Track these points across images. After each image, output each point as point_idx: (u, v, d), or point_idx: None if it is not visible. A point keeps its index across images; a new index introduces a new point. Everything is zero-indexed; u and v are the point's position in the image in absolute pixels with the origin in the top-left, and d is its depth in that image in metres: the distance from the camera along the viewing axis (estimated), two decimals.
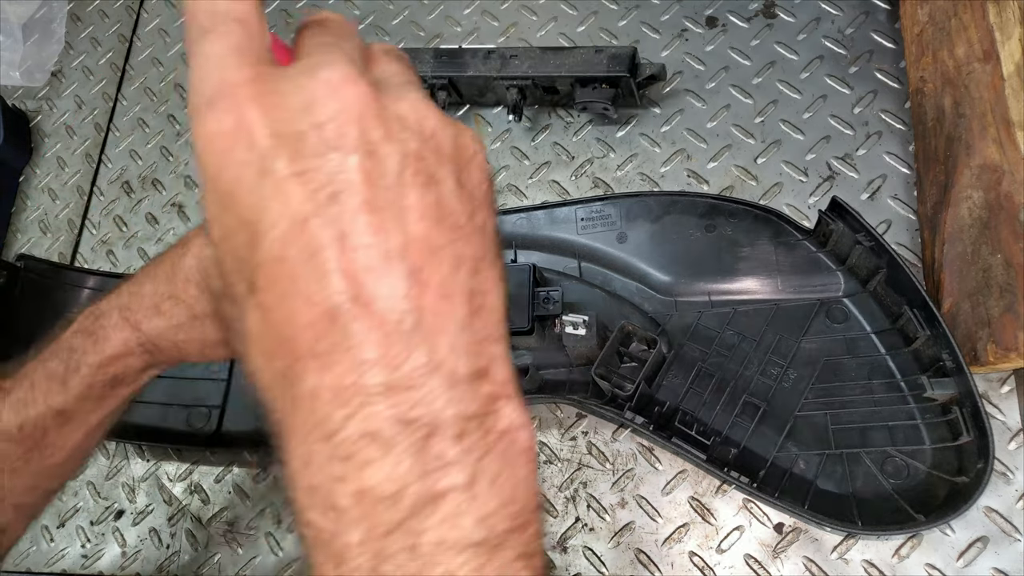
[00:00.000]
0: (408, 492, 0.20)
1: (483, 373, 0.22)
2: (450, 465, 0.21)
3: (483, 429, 0.21)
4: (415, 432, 0.20)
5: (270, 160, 0.21)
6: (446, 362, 0.21)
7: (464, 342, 0.22)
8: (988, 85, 0.52)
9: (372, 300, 0.20)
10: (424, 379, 0.21)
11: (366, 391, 0.20)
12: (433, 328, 0.21)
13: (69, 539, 0.64)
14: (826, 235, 0.54)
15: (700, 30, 0.67)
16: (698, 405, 0.53)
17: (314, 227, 0.20)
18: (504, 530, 0.21)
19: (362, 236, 0.21)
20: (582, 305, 0.56)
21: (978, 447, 0.46)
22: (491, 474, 0.21)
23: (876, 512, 0.48)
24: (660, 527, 0.53)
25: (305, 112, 0.21)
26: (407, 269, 0.21)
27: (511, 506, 0.21)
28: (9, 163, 0.81)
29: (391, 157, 0.21)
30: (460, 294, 0.22)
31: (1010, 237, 0.48)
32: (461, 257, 0.22)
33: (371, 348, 0.20)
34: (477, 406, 0.21)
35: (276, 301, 0.21)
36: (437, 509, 0.20)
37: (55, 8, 0.88)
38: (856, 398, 0.51)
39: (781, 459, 0.51)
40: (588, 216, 0.60)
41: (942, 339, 0.48)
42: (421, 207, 0.21)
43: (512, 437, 0.22)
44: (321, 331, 0.21)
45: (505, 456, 0.22)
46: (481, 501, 0.21)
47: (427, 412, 0.21)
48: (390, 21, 0.77)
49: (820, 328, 0.53)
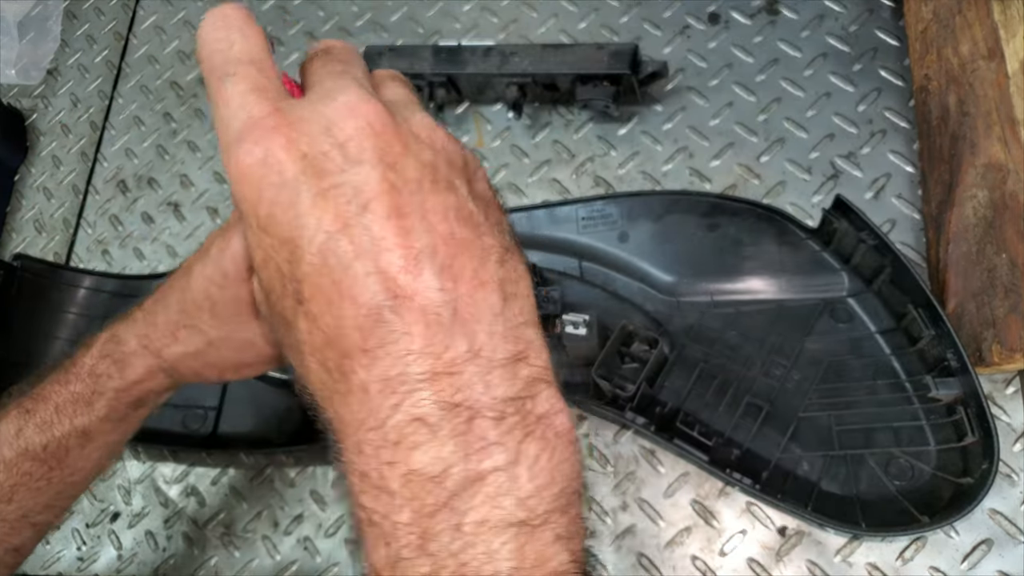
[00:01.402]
0: (452, 472, 0.21)
1: (521, 357, 0.23)
2: (492, 446, 0.22)
3: (523, 412, 0.22)
4: (458, 415, 0.22)
5: (301, 181, 0.23)
6: (484, 348, 0.22)
7: (500, 328, 0.23)
8: (993, 83, 0.51)
9: (411, 296, 0.22)
10: (465, 365, 0.22)
11: (412, 380, 0.22)
12: (470, 317, 0.23)
13: (65, 542, 0.64)
14: (830, 234, 0.53)
15: (702, 27, 0.67)
16: (700, 406, 0.52)
17: (349, 236, 0.22)
18: (545, 511, 0.22)
19: (394, 239, 0.22)
20: (583, 305, 0.55)
21: (983, 448, 0.46)
22: (531, 456, 0.22)
23: (880, 514, 0.47)
24: (662, 530, 0.53)
25: (327, 134, 0.23)
26: (439, 265, 0.22)
27: (551, 488, 0.22)
28: (4, 162, 0.80)
29: (410, 168, 0.23)
30: (491, 283, 0.23)
31: (1015, 237, 0.48)
32: (487, 249, 0.24)
33: (414, 340, 0.22)
34: (517, 389, 0.23)
35: (323, 308, 0.23)
36: (480, 489, 0.21)
37: (51, 6, 0.88)
38: (860, 399, 0.50)
39: (784, 461, 0.50)
40: (589, 215, 0.59)
41: (947, 339, 0.48)
42: (442, 209, 0.23)
43: (551, 420, 0.23)
44: (367, 330, 0.22)
45: (544, 439, 0.23)
46: (522, 482, 0.22)
47: (469, 396, 0.22)
48: (389, 18, 0.76)
49: (824, 328, 0.53)
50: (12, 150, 0.81)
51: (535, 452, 0.22)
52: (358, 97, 0.24)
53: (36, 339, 0.68)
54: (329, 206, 0.22)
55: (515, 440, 0.22)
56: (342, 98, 0.24)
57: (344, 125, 0.23)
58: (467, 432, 0.22)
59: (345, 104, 0.24)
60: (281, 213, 0.23)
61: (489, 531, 0.21)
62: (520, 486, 0.22)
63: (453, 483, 0.21)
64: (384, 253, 0.22)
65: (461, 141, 0.26)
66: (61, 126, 0.83)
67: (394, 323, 0.22)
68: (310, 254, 0.23)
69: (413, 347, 0.22)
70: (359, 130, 0.23)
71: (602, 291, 0.57)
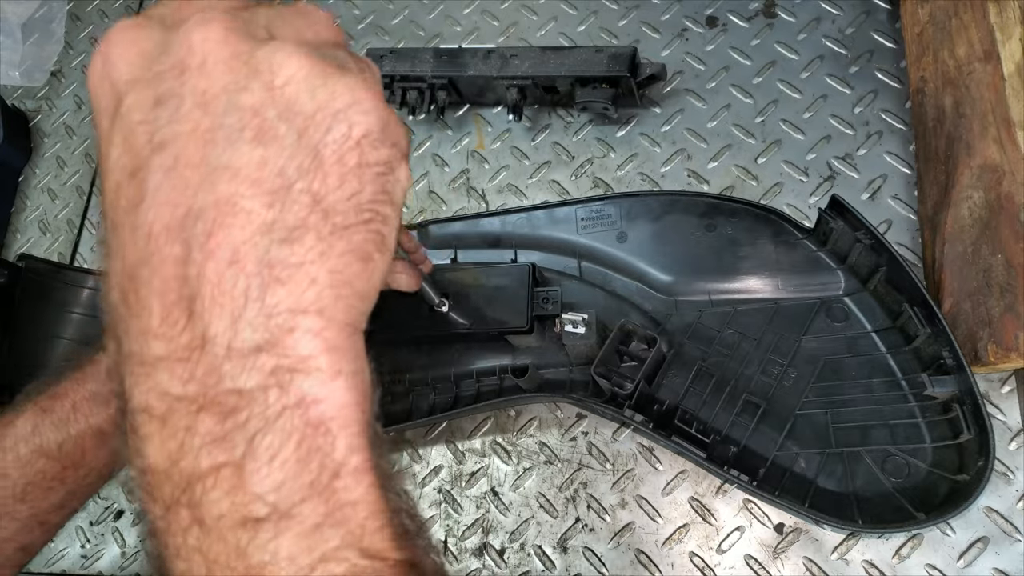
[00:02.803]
0: (178, 468, 0.20)
1: (270, 346, 0.21)
2: (219, 442, 0.20)
3: (261, 404, 0.21)
4: (188, 406, 0.20)
5: (123, 104, 0.21)
6: (223, 335, 0.20)
7: (251, 315, 0.20)
8: (989, 85, 0.52)
9: (161, 264, 0.20)
10: (197, 352, 0.20)
11: (146, 362, 0.20)
12: (214, 297, 0.20)
13: (69, 539, 0.64)
14: (826, 234, 0.54)
15: (700, 30, 0.67)
16: (698, 404, 0.53)
17: (137, 179, 0.21)
18: (294, 503, 0.20)
19: (169, 193, 0.20)
20: (582, 305, 0.56)
21: (979, 445, 0.46)
22: (269, 449, 0.20)
23: (877, 511, 0.48)
24: (660, 527, 0.53)
25: (163, 56, 0.21)
26: (200, 233, 0.20)
27: (300, 478, 0.21)
28: (8, 163, 0.81)
29: (226, 112, 0.21)
30: (254, 263, 0.20)
31: (1011, 237, 0.48)
32: (269, 224, 0.21)
33: (152, 316, 0.20)
34: (255, 381, 0.21)
35: (112, 250, 0.21)
36: (213, 485, 0.20)
37: (55, 8, 0.88)
38: (857, 397, 0.51)
39: (781, 458, 0.51)
40: (588, 216, 0.60)
41: (942, 337, 0.48)
42: (237, 166, 0.21)
43: (304, 411, 0.21)
44: (125, 290, 0.21)
45: (289, 430, 0.21)
46: (260, 476, 0.20)
47: (199, 387, 0.20)
48: (390, 21, 0.77)
49: (820, 327, 0.53)
50: (16, 151, 0.81)
51: (273, 445, 0.20)
52: (203, 20, 0.21)
53: (41, 339, 0.68)
54: (135, 141, 0.21)
55: (246, 434, 0.20)
56: (196, 18, 0.22)
57: (178, 48, 0.21)
58: (193, 426, 0.20)
59: (187, 29, 0.22)
60: (102, 137, 0.22)
61: (232, 527, 0.20)
62: (258, 480, 0.20)
63: (181, 478, 0.20)
64: (154, 208, 0.20)
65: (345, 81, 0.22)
66: (65, 127, 0.83)
67: (140, 292, 0.21)
68: (108, 191, 0.22)
69: (151, 324, 0.20)
70: (184, 57, 0.21)
71: (601, 291, 0.57)
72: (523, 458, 0.57)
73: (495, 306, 0.54)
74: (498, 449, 0.58)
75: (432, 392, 0.58)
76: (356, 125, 0.22)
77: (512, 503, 0.56)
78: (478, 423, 0.59)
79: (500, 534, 0.56)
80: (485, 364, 0.57)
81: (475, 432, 0.59)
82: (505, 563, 0.55)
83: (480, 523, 0.56)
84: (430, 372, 0.58)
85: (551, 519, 0.55)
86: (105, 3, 0.89)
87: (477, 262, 0.61)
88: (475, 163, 0.68)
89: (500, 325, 0.54)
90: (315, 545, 0.20)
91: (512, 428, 0.58)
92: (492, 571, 0.55)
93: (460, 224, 0.62)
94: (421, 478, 0.59)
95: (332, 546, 0.20)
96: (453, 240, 0.62)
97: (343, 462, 0.21)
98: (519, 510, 0.56)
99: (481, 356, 0.57)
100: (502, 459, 0.58)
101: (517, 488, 0.57)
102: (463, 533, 0.57)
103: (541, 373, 0.56)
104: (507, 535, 0.56)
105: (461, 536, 0.57)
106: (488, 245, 0.62)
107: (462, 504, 0.57)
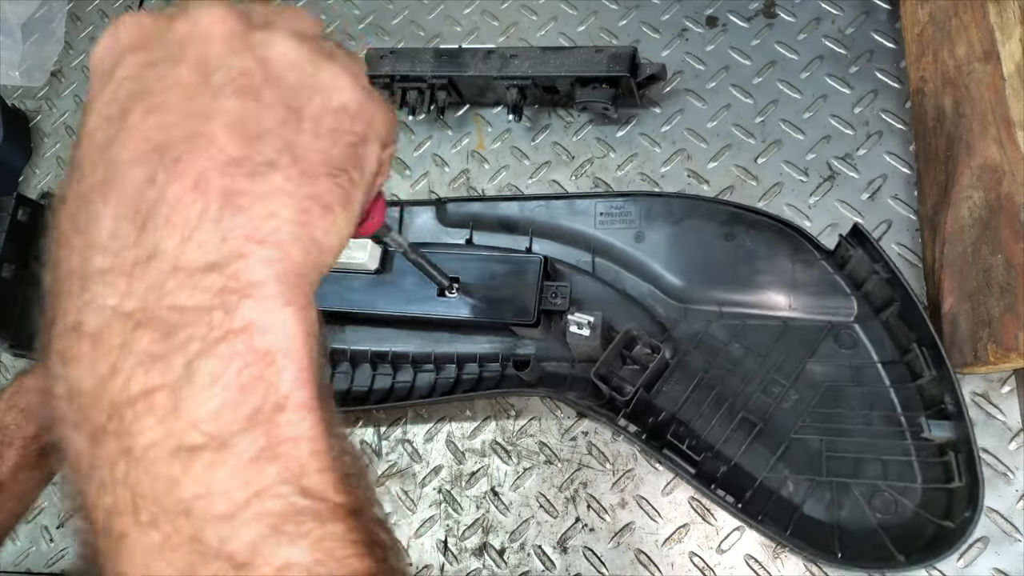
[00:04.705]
0: (107, 392, 0.19)
1: (219, 267, 0.20)
2: (155, 362, 0.19)
3: (204, 325, 0.20)
4: (124, 322, 0.20)
5: (119, 67, 0.23)
6: (172, 251, 0.20)
7: (204, 236, 0.20)
8: (988, 85, 0.52)
9: (122, 182, 0.21)
10: (141, 267, 0.20)
11: (86, 276, 0.20)
12: (168, 217, 0.20)
13: (69, 539, 0.64)
14: (844, 259, 0.52)
15: (700, 30, 0.67)
16: (694, 416, 0.52)
17: (116, 121, 0.21)
18: (232, 432, 0.19)
19: (144, 130, 0.21)
20: (591, 301, 0.55)
21: (969, 495, 0.45)
22: (208, 374, 0.20)
23: (858, 545, 0.47)
24: (660, 527, 0.53)
25: (167, 33, 0.23)
26: (168, 160, 0.21)
27: (240, 408, 0.20)
28: (9, 163, 0.81)
29: (214, 71, 0.22)
30: (217, 190, 0.21)
31: (1010, 237, 0.48)
32: (238, 160, 0.21)
33: (101, 231, 0.20)
34: (199, 300, 0.20)
35: (73, 176, 0.22)
36: (145, 410, 0.19)
37: (55, 8, 0.88)
38: (854, 427, 0.50)
39: (770, 480, 0.50)
40: (607, 211, 0.59)
41: (947, 382, 0.47)
42: (216, 112, 0.21)
43: (248, 337, 0.20)
44: (77, 208, 0.21)
45: (230, 356, 0.20)
46: (196, 403, 0.19)
47: (138, 302, 0.20)
48: (390, 21, 0.77)
49: (827, 351, 0.52)
50: (16, 151, 0.81)
51: (214, 370, 0.20)
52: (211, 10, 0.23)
53: None
54: (115, 95, 0.22)
55: (185, 356, 0.19)
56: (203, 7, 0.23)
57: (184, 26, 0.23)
58: (127, 343, 0.19)
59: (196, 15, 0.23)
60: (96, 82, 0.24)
61: (163, 457, 0.19)
62: (194, 407, 0.19)
63: (110, 403, 0.19)
64: (128, 141, 0.21)
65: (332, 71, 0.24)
66: (65, 127, 0.83)
67: (95, 205, 0.21)
68: (84, 134, 0.23)
69: (98, 238, 0.20)
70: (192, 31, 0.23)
71: (612, 289, 0.57)
72: (523, 458, 0.57)
73: (503, 296, 0.54)
74: (498, 449, 0.58)
75: (435, 373, 0.58)
76: (335, 99, 0.24)
77: (512, 503, 0.56)
78: (478, 423, 0.59)
79: (500, 534, 0.56)
80: (489, 349, 0.57)
81: (475, 432, 0.59)
82: (505, 563, 0.55)
83: (480, 523, 0.57)
84: (434, 351, 0.58)
85: (551, 519, 0.55)
86: (105, 3, 0.89)
87: (491, 246, 0.60)
88: (475, 163, 0.68)
89: (507, 316, 0.54)
90: (252, 479, 0.19)
91: (512, 428, 0.58)
92: (492, 571, 0.55)
93: (479, 205, 0.62)
94: (421, 478, 0.59)
95: (269, 481, 0.20)
96: (470, 220, 0.61)
97: (287, 395, 0.20)
98: (519, 510, 0.56)
99: (486, 341, 0.58)
100: (502, 459, 0.58)
101: (517, 488, 0.57)
102: (463, 533, 0.57)
103: (543, 366, 0.56)
104: (507, 535, 0.56)
105: (461, 536, 0.57)
106: (505, 229, 0.61)
107: (462, 504, 0.57)
